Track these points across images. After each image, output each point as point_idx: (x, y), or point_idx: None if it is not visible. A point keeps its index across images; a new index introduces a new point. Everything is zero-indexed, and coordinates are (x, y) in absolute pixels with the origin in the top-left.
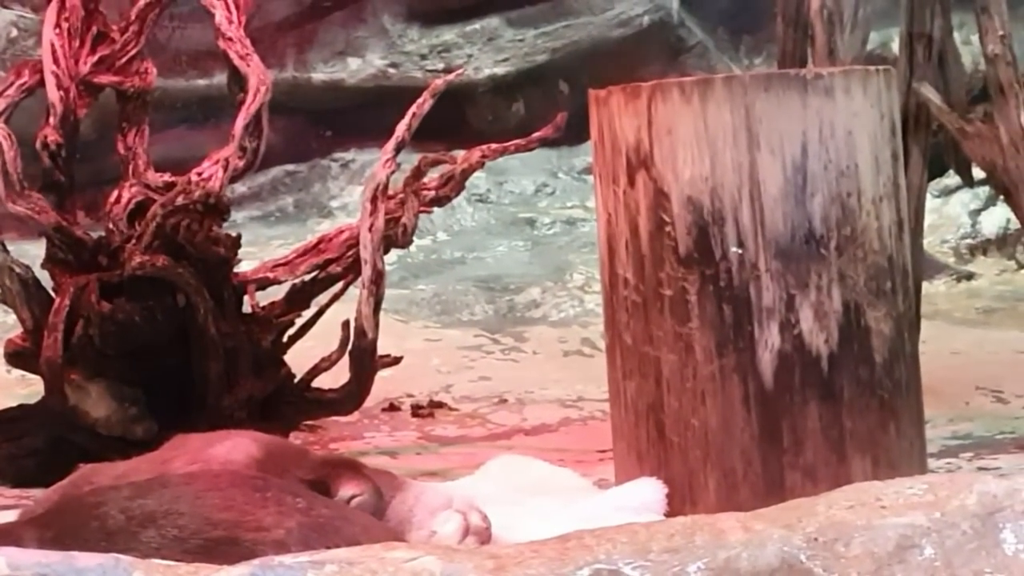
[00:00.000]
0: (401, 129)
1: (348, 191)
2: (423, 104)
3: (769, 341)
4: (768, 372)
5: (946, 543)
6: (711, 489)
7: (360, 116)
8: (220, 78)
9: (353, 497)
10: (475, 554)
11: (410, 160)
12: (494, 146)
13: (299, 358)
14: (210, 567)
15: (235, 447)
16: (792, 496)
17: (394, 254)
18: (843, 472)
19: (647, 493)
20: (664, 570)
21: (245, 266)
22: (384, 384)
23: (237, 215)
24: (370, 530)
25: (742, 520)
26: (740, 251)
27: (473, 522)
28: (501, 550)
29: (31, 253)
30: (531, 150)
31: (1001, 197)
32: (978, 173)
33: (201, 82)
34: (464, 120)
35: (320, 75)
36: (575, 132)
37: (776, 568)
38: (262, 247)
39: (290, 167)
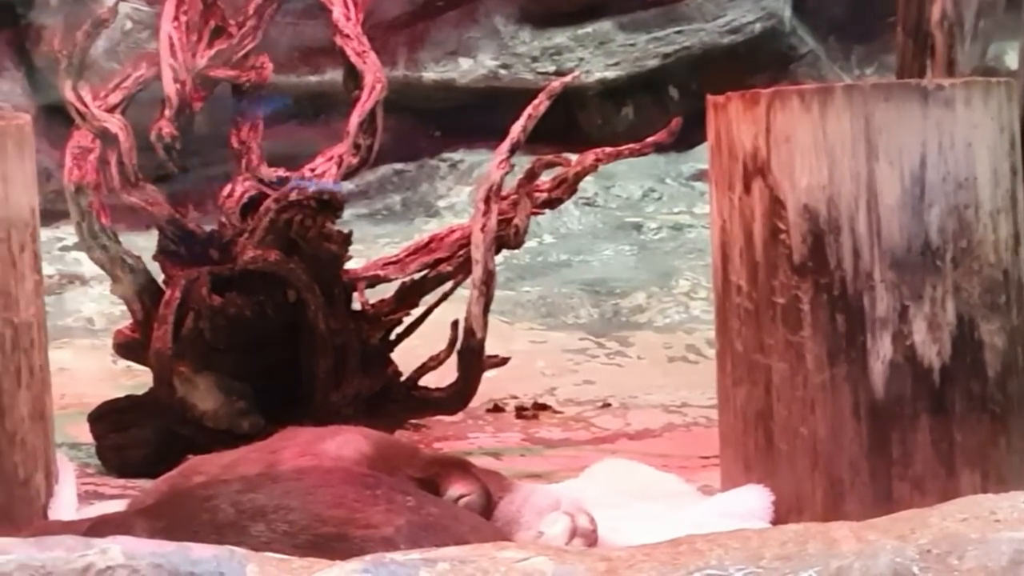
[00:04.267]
0: (516, 130)
1: (456, 191)
2: (539, 105)
3: (881, 352)
4: (879, 383)
5: None
6: (818, 498)
7: (470, 117)
8: (331, 74)
9: (461, 496)
10: (586, 556)
11: (520, 162)
12: (608, 150)
13: (405, 356)
14: (323, 562)
15: (346, 443)
16: (899, 508)
17: (500, 256)
18: (952, 485)
19: (753, 500)
20: None
21: (352, 263)
22: (488, 385)
23: (344, 212)
24: (478, 530)
25: (855, 530)
26: None
27: (580, 524)
28: (612, 552)
29: (139, 244)
30: (645, 155)
31: None
32: None
33: (312, 78)
34: (573, 123)
35: (431, 75)
36: (683, 138)
37: None
38: (368, 245)
39: (398, 166)
